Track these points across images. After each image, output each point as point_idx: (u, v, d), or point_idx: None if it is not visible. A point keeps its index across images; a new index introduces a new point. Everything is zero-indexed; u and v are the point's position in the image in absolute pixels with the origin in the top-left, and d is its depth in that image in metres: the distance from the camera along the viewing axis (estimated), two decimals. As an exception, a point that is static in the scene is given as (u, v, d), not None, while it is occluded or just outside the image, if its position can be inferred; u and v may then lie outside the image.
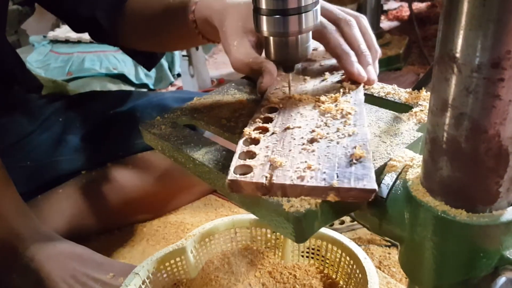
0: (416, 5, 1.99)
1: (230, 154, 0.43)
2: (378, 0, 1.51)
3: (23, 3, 1.91)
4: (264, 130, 0.43)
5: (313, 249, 0.65)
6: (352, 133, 0.41)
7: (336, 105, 0.46)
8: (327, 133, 0.41)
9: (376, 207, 0.38)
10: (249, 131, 0.43)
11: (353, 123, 0.43)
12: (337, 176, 0.35)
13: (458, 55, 0.29)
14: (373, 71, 0.52)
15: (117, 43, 0.88)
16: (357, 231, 0.81)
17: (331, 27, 0.53)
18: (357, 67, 0.51)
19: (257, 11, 0.44)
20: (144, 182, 0.89)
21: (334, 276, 0.63)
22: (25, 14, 1.89)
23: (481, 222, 0.32)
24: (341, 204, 0.37)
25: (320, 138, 0.41)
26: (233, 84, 0.59)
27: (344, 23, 0.53)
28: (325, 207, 0.36)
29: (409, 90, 0.51)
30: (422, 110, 0.46)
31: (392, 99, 0.50)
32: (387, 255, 0.74)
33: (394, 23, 1.86)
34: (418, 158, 0.39)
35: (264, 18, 0.43)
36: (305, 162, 0.37)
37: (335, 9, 0.55)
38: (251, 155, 0.40)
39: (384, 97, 0.51)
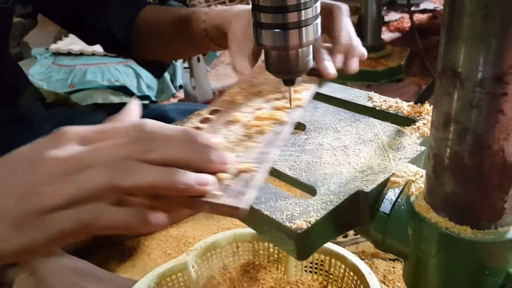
0: (417, 16, 2.00)
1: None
2: (379, 12, 1.51)
3: (26, 15, 1.93)
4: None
5: (316, 264, 0.65)
6: (256, 150, 0.41)
7: (261, 121, 0.46)
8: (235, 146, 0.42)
9: (379, 223, 0.38)
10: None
11: (266, 141, 0.43)
12: (218, 189, 0.35)
13: (460, 69, 0.29)
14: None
15: (129, 54, 0.91)
16: (360, 245, 0.80)
17: (345, 8, 0.55)
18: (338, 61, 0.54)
19: (257, 25, 0.43)
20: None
21: (337, 291, 0.62)
22: (27, 26, 1.91)
23: (486, 239, 0.31)
24: (344, 220, 0.37)
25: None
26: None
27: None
28: (328, 224, 0.35)
29: (411, 103, 0.50)
30: (425, 124, 0.46)
31: (395, 113, 0.50)
32: (391, 269, 0.73)
33: (396, 35, 1.86)
34: (421, 173, 0.38)
35: (264, 32, 0.43)
36: None
37: None
38: None
39: (386, 110, 0.50)
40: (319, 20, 0.44)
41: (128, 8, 0.84)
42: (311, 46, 0.46)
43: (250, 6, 0.57)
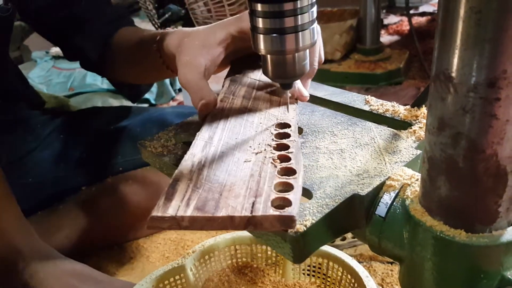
0: (416, 19, 2.00)
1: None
2: (378, 15, 1.51)
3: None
4: None
5: (314, 266, 0.65)
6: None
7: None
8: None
9: (375, 226, 0.38)
10: None
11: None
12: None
13: (453, 74, 0.29)
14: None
15: (104, 74, 0.92)
16: (358, 247, 0.80)
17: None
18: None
19: (254, 30, 0.44)
20: (144, 198, 0.88)
21: (335, 294, 0.62)
22: (28, 30, 1.91)
23: (481, 243, 0.31)
24: (340, 224, 0.37)
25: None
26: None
27: None
28: (324, 227, 0.35)
29: (408, 107, 0.50)
30: (421, 128, 0.46)
31: (391, 116, 0.50)
32: (389, 272, 0.73)
33: (395, 37, 1.86)
34: (417, 177, 0.39)
35: (261, 37, 0.43)
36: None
37: None
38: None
39: (383, 114, 0.50)
40: (315, 25, 0.44)
41: (106, 27, 0.84)
42: (307, 51, 0.46)
43: (202, 27, 0.57)
